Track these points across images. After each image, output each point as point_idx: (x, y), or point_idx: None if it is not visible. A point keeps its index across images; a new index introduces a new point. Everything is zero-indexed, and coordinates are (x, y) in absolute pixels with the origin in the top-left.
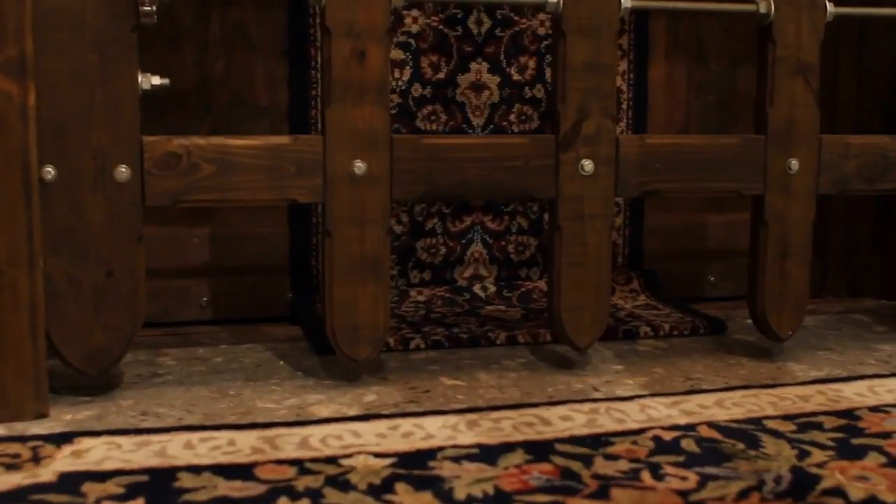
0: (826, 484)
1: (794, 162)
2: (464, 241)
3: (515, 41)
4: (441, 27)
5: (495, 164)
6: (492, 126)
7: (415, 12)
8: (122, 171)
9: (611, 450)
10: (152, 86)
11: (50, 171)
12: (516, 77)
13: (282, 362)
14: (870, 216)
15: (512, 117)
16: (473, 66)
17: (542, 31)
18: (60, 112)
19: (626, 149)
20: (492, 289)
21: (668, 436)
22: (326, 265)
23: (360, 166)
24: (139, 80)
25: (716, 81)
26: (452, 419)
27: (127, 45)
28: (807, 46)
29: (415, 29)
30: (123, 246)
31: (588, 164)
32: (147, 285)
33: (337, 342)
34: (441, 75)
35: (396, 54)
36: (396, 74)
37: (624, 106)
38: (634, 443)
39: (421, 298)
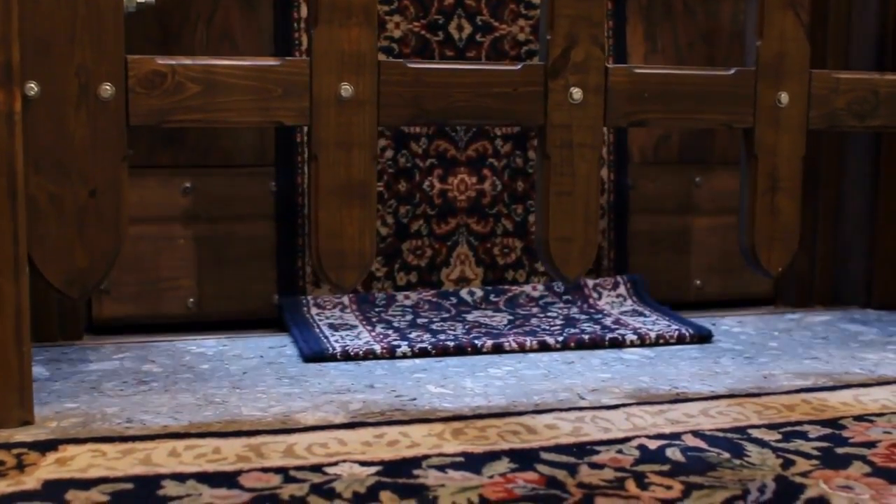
0: (810, 493)
1: (783, 95)
2: (449, 244)
3: (496, 46)
4: (423, 32)
5: (483, 89)
6: (474, 129)
7: (397, 17)
8: (107, 89)
9: (596, 458)
10: (137, 4)
11: (33, 88)
12: None
13: (268, 370)
14: (857, 224)
15: None
16: None
17: (521, 36)
18: (44, 27)
19: (615, 78)
20: (479, 293)
21: (653, 444)
22: (312, 189)
23: (346, 89)
24: None
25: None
26: (438, 427)
27: None
28: None
29: (397, 34)
30: (107, 165)
31: (577, 92)
32: (135, 286)
33: (322, 268)
34: None
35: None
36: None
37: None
38: (620, 451)
39: (408, 303)
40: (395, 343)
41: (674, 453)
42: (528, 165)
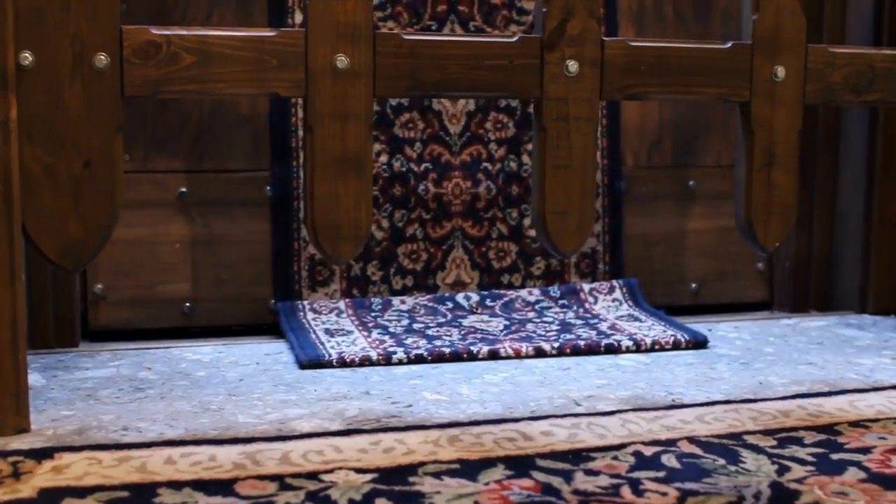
0: (805, 499)
1: (780, 70)
2: (444, 247)
3: None
4: None
5: (479, 62)
6: (469, 133)
7: (390, 23)
8: (101, 59)
9: (591, 465)
10: None
11: (27, 58)
12: None
13: (264, 377)
14: (853, 230)
15: (488, 125)
16: None
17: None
18: None
19: (611, 51)
20: (475, 298)
21: (648, 451)
22: (308, 161)
23: (342, 60)
24: None
25: None
26: (434, 434)
27: None
28: None
29: None
30: (102, 136)
31: (573, 65)
32: (131, 291)
33: (318, 240)
34: None
35: None
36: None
37: None
38: (615, 458)
39: (404, 307)
40: (391, 349)
41: (669, 460)
42: (523, 170)
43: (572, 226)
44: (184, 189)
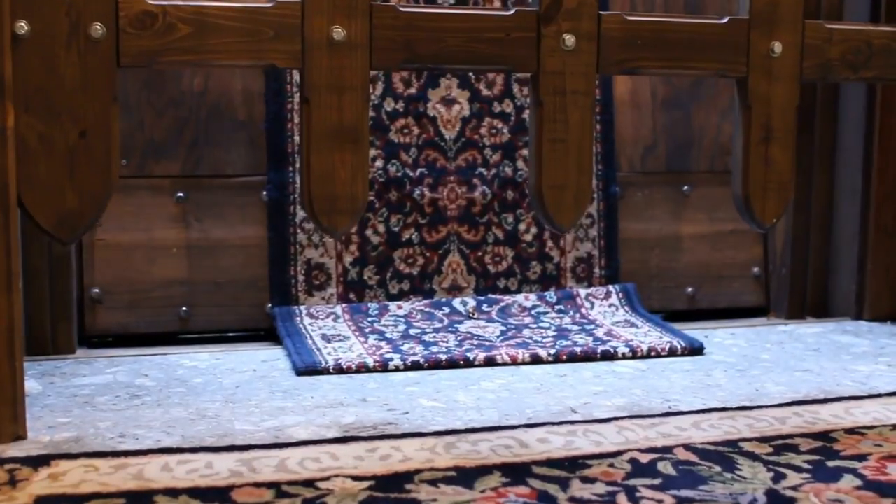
0: None
1: (777, 45)
2: (440, 252)
3: None
4: None
5: (476, 34)
6: (464, 139)
7: None
8: (97, 29)
9: (588, 472)
10: None
11: (23, 26)
12: (485, 92)
13: (261, 383)
14: (849, 238)
15: (483, 130)
16: (443, 81)
17: None
18: None
19: (607, 25)
20: (471, 303)
21: (644, 458)
22: (304, 134)
23: (338, 32)
24: None
25: None
26: (430, 441)
27: None
28: None
29: None
30: (98, 106)
31: (569, 39)
32: (128, 296)
33: (314, 213)
34: (412, 90)
35: None
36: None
37: None
38: (611, 465)
39: (400, 312)
40: (388, 356)
41: (665, 467)
42: (518, 175)
43: (569, 200)
44: (181, 194)
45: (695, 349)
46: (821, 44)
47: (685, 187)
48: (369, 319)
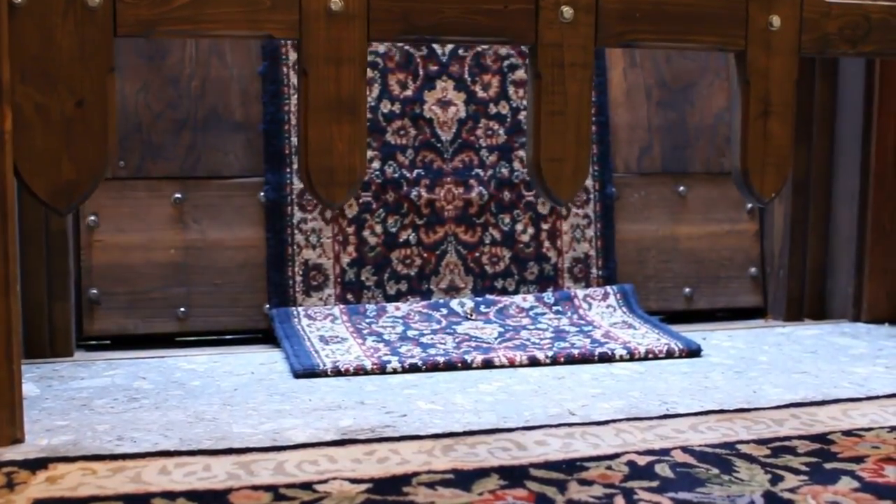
0: None
1: (775, 19)
2: (438, 252)
3: (478, 60)
4: (406, 47)
5: (474, 6)
6: (460, 140)
7: None
8: None
9: (585, 475)
10: None
11: None
12: (481, 94)
13: (259, 386)
14: (847, 239)
15: (479, 132)
16: (439, 83)
17: (503, 50)
18: None
19: None
20: (469, 304)
21: (642, 461)
22: (301, 105)
23: (336, 2)
24: None
25: None
26: (428, 444)
27: None
28: None
29: (381, 48)
30: (94, 76)
31: (567, 11)
32: (125, 297)
33: (312, 185)
34: (408, 92)
35: None
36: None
37: None
38: (609, 468)
39: (398, 314)
40: (386, 359)
41: (663, 469)
42: (514, 176)
43: (568, 173)
44: (178, 195)
45: (692, 351)
46: (819, 18)
47: (681, 188)
48: (367, 321)
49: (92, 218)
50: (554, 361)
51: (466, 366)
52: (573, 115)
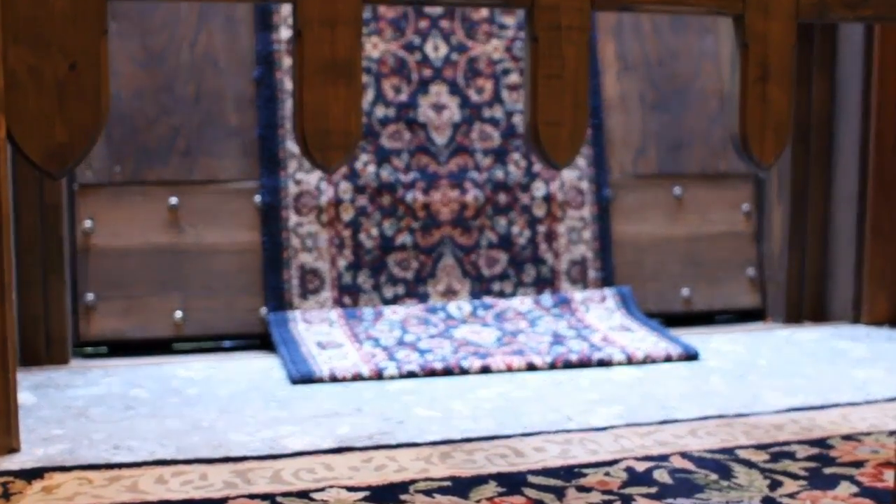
0: None
1: None
2: (434, 255)
3: (472, 65)
4: (401, 52)
5: None
6: (455, 144)
7: (374, 38)
8: None
9: (584, 481)
10: None
11: None
12: (475, 98)
13: (256, 393)
14: (846, 242)
15: (473, 135)
16: (433, 88)
17: (496, 55)
18: None
19: None
20: (467, 308)
21: (641, 466)
22: (297, 68)
23: None
24: None
25: None
26: (426, 451)
27: None
28: None
29: (375, 54)
30: (88, 38)
31: None
32: (122, 301)
33: (307, 148)
34: (403, 97)
35: None
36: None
37: None
38: (607, 474)
39: (395, 318)
40: (383, 365)
41: (661, 475)
42: (509, 178)
43: (565, 137)
44: (174, 200)
45: (690, 356)
46: None
47: (677, 190)
48: (364, 325)
49: (88, 223)
50: (552, 366)
51: (464, 371)
52: (570, 79)
